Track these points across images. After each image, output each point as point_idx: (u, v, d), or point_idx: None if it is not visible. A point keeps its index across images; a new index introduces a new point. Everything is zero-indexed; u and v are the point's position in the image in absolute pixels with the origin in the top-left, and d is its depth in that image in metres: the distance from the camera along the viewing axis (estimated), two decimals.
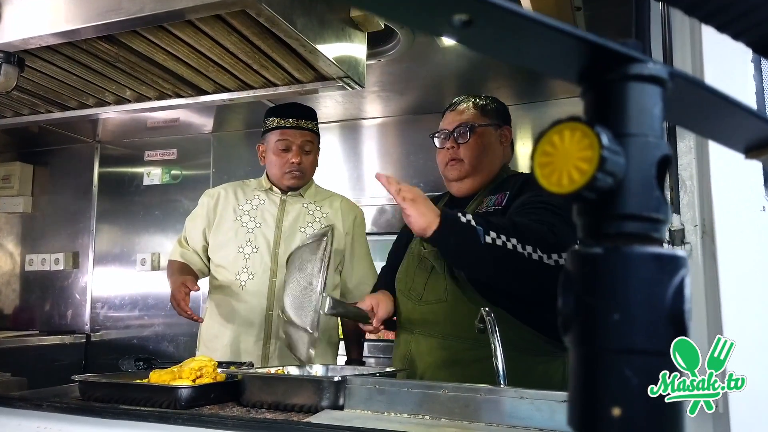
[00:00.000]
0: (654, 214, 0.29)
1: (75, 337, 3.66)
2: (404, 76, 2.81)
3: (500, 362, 1.05)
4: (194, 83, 1.85)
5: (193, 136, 3.68)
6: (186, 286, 1.96)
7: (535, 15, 0.26)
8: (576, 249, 0.31)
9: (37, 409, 1.10)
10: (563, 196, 0.27)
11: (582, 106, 0.30)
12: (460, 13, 0.25)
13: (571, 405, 0.29)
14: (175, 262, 2.25)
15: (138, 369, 1.51)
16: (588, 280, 0.29)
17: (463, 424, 0.93)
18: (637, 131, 0.29)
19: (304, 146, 2.15)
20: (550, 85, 2.98)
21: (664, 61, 0.79)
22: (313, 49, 1.50)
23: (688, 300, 0.28)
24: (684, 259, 0.29)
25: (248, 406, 1.19)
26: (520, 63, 0.30)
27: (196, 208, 2.28)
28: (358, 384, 1.02)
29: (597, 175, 0.27)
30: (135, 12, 1.31)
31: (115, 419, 1.03)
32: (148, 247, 3.67)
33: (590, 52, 0.28)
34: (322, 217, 2.20)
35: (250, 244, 2.14)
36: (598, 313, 0.28)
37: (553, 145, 0.28)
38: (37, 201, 3.98)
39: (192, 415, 0.98)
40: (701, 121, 0.34)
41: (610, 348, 0.28)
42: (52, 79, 1.84)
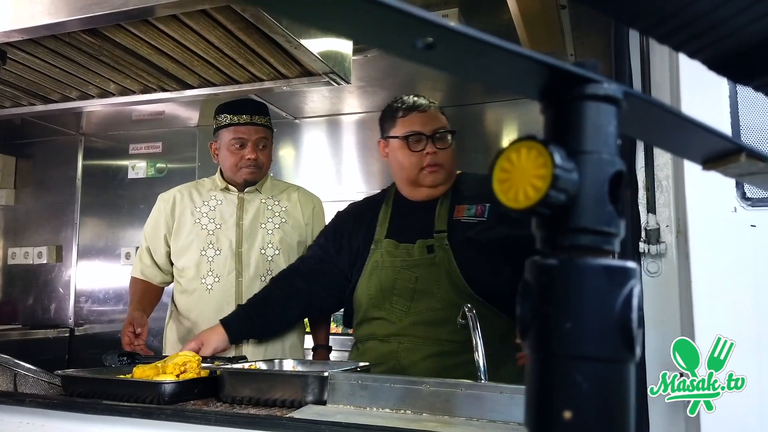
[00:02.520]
0: (606, 228, 0.30)
1: (59, 332, 3.63)
2: (390, 72, 2.82)
3: (481, 357, 1.07)
4: (179, 77, 1.84)
5: (178, 130, 3.66)
6: (132, 325, 1.96)
7: (493, 40, 0.27)
8: (534, 259, 0.32)
9: (20, 404, 1.10)
10: (519, 212, 0.29)
11: (542, 124, 0.31)
12: (423, 37, 0.26)
13: (527, 407, 0.31)
14: (136, 281, 2.23)
15: (122, 364, 1.51)
16: (544, 290, 0.30)
17: (444, 418, 0.94)
18: (591, 149, 0.30)
19: (259, 142, 2.13)
20: None
21: (642, 79, 0.81)
22: (298, 45, 1.50)
23: (635, 309, 0.29)
24: (634, 270, 0.30)
25: (229, 402, 1.20)
26: (484, 82, 0.32)
27: (153, 214, 2.24)
28: (341, 379, 1.03)
29: (550, 192, 0.28)
30: (119, 5, 1.30)
31: (98, 415, 1.04)
32: (132, 240, 3.65)
33: (548, 73, 0.29)
34: (282, 211, 2.20)
35: (212, 246, 2.13)
36: (552, 321, 0.30)
37: (511, 162, 0.30)
38: (20, 194, 3.94)
39: (175, 410, 0.98)
40: (659, 136, 0.36)
41: (562, 354, 0.30)
42: (34, 72, 1.82)
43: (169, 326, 2.22)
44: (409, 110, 1.80)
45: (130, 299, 2.24)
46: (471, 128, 3.23)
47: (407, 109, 1.80)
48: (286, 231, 2.18)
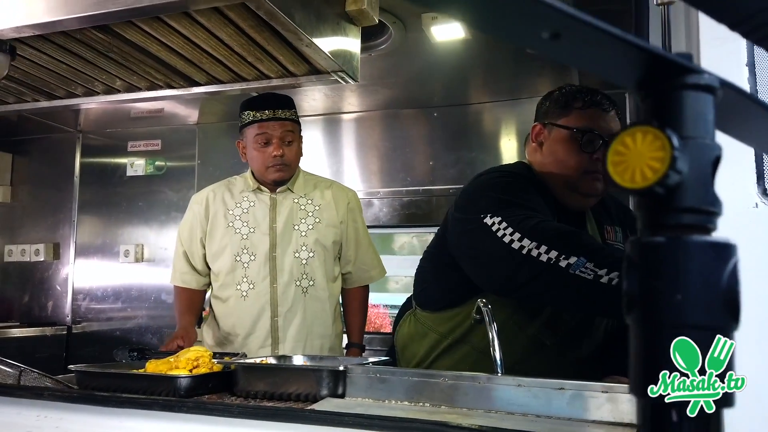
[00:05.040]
0: (710, 208, 0.33)
1: (56, 329, 3.62)
2: (392, 71, 2.84)
3: (497, 352, 1.08)
4: (186, 74, 1.84)
5: (177, 127, 3.66)
6: (182, 339, 1.97)
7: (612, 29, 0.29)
8: (637, 239, 0.35)
9: (38, 398, 1.11)
10: (634, 191, 0.31)
11: (637, 110, 0.33)
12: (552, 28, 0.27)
13: (634, 375, 0.34)
14: (179, 291, 2.22)
15: (132, 359, 1.51)
16: (652, 266, 0.33)
17: (462, 410, 0.96)
18: (695, 134, 0.33)
19: (285, 137, 2.09)
20: (530, 83, 3.03)
21: None
22: (310, 43, 1.51)
23: (740, 282, 0.32)
24: (735, 246, 0.33)
25: (243, 396, 1.21)
26: (589, 69, 0.33)
27: (188, 217, 2.22)
28: (359, 373, 1.04)
29: (668, 173, 0.30)
30: (133, 2, 1.30)
31: (117, 407, 1.04)
32: (131, 238, 3.64)
33: (652, 62, 0.31)
34: (315, 211, 2.18)
35: (247, 251, 2.10)
36: (662, 295, 0.32)
37: (626, 146, 0.32)
38: (16, 191, 3.92)
39: (197, 403, 0.99)
40: (743, 128, 0.38)
41: (673, 324, 0.33)
42: (40, 68, 1.81)
43: (205, 328, 2.20)
44: (592, 104, 1.52)
45: (177, 309, 2.22)
46: (471, 128, 3.26)
47: (589, 103, 1.52)
48: (321, 231, 2.14)
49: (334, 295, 2.21)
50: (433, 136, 3.31)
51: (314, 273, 2.12)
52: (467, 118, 3.26)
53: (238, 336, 2.11)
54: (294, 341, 2.09)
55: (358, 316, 2.29)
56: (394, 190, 3.28)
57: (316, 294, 2.13)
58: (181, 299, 2.21)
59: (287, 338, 2.09)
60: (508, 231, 1.30)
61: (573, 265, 1.20)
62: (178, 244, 2.24)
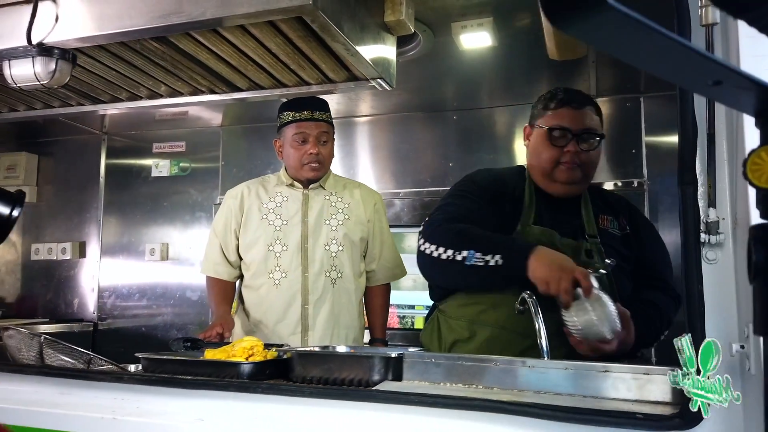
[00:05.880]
0: None
1: (83, 326, 3.72)
2: (407, 76, 2.92)
3: (544, 340, 1.18)
4: (230, 80, 1.93)
5: (201, 129, 3.75)
6: (221, 326, 2.04)
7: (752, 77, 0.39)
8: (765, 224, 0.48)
9: (117, 381, 1.20)
10: None
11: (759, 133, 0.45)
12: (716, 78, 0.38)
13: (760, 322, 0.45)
14: (212, 281, 2.31)
15: (186, 349, 1.60)
16: None
17: (513, 392, 1.05)
18: None
19: (320, 137, 2.22)
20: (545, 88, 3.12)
21: None
22: (355, 52, 1.60)
23: None
24: None
25: (299, 382, 1.29)
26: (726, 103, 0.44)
27: (222, 211, 2.33)
28: (415, 358, 1.14)
29: None
30: (197, 16, 1.39)
31: (194, 389, 1.13)
32: (156, 237, 3.74)
33: None
34: (345, 208, 2.30)
35: (280, 242, 2.22)
36: None
37: (761, 158, 0.45)
38: (42, 191, 4.02)
39: (271, 385, 1.08)
40: None
41: None
42: (92, 74, 1.90)
43: (234, 319, 2.29)
44: (562, 104, 1.71)
45: (212, 299, 2.32)
46: (482, 130, 3.36)
47: (560, 102, 1.72)
48: (349, 227, 2.27)
49: (360, 290, 2.32)
50: (448, 138, 3.42)
51: (342, 266, 2.23)
52: (477, 121, 3.36)
53: (268, 323, 2.20)
54: (323, 329, 2.19)
55: (381, 312, 2.40)
56: (414, 191, 3.38)
57: (343, 286, 2.24)
58: (216, 290, 2.31)
59: (316, 326, 2.19)
60: (421, 241, 1.66)
61: (467, 258, 1.52)
62: (212, 236, 2.34)
